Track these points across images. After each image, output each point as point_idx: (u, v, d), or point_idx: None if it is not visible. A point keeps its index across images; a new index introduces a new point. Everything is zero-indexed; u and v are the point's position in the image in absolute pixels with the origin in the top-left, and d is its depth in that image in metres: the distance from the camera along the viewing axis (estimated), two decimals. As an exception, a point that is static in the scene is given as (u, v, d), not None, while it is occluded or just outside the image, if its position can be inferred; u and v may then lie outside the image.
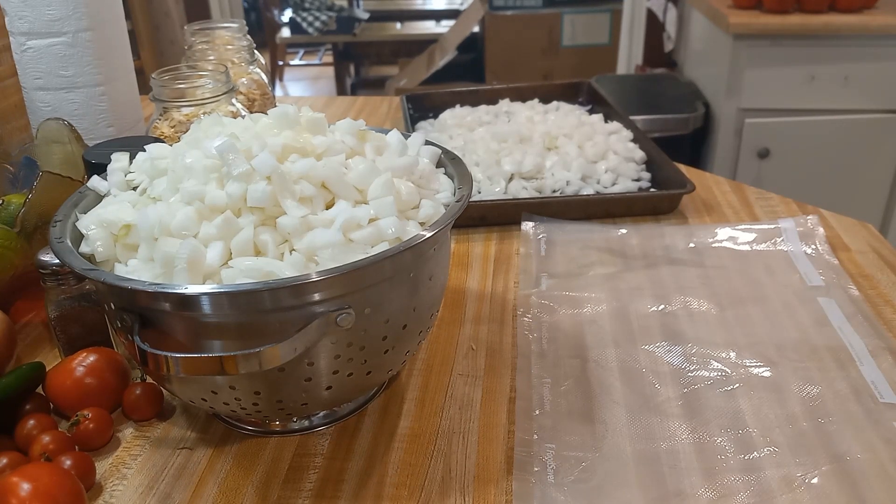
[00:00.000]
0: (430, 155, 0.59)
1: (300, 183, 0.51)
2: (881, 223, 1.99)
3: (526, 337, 0.66)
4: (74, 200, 0.55)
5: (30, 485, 0.45)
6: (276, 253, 0.48)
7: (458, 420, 0.57)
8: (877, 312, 0.68)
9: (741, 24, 1.84)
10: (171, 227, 0.48)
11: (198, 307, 0.45)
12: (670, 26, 2.45)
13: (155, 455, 0.55)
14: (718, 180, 0.98)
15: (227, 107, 0.83)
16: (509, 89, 1.23)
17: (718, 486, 0.50)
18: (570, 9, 2.95)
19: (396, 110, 1.33)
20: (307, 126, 0.56)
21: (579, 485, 0.51)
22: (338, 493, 0.51)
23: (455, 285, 0.76)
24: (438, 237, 0.51)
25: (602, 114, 1.10)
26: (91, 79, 0.85)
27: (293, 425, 0.57)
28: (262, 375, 0.48)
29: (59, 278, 0.60)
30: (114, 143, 0.69)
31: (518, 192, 0.92)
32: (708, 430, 0.55)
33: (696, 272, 0.75)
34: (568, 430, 0.55)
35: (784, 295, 0.71)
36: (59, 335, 0.62)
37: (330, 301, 0.46)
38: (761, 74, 1.88)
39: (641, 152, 0.99)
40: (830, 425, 0.55)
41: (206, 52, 1.00)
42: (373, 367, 0.52)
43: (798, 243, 0.79)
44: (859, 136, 1.90)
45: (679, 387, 0.59)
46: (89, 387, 0.57)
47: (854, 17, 1.83)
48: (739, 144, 1.97)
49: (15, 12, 0.82)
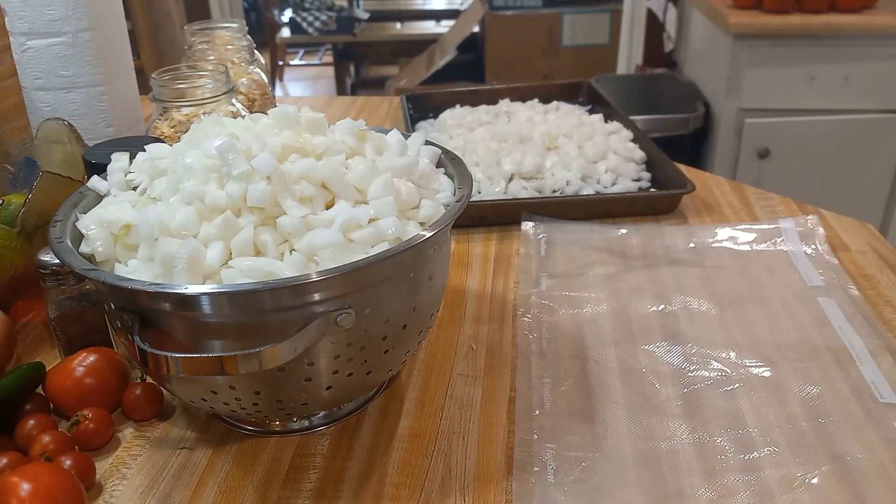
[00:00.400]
0: (430, 155, 0.59)
1: (300, 183, 0.51)
2: (881, 223, 1.99)
3: (526, 337, 0.66)
4: (74, 200, 0.55)
5: (30, 485, 0.45)
6: (276, 253, 0.48)
7: (458, 420, 0.57)
8: (877, 312, 0.68)
9: (741, 24, 1.84)
10: (171, 227, 0.48)
11: (198, 307, 0.45)
12: (670, 26, 2.45)
13: (155, 455, 0.55)
14: (718, 180, 0.98)
15: (227, 107, 0.83)
16: (509, 89, 1.23)
17: (718, 485, 0.50)
18: (570, 9, 2.95)
19: (396, 110, 1.33)
20: (307, 126, 0.56)
21: (579, 485, 0.51)
22: (338, 493, 0.51)
23: (455, 285, 0.76)
24: (438, 237, 0.51)
25: (602, 114, 1.10)
26: (91, 79, 0.85)
27: (293, 425, 0.57)
28: (262, 375, 0.48)
29: (59, 278, 0.60)
30: (114, 143, 0.69)
31: (518, 192, 0.92)
32: (708, 430, 0.55)
33: (695, 272, 0.75)
34: (568, 430, 0.55)
35: (784, 295, 0.71)
36: (59, 335, 0.62)
37: (330, 301, 0.46)
38: (761, 74, 1.88)
39: (641, 152, 0.99)
40: (830, 425, 0.55)
41: (206, 52, 1.00)
42: (373, 367, 0.52)
43: (798, 243, 0.79)
44: (859, 136, 1.90)
45: (679, 387, 0.59)
46: (89, 387, 0.57)
47: (854, 17, 1.83)
48: (739, 144, 1.97)
49: (15, 12, 0.82)
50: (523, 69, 2.98)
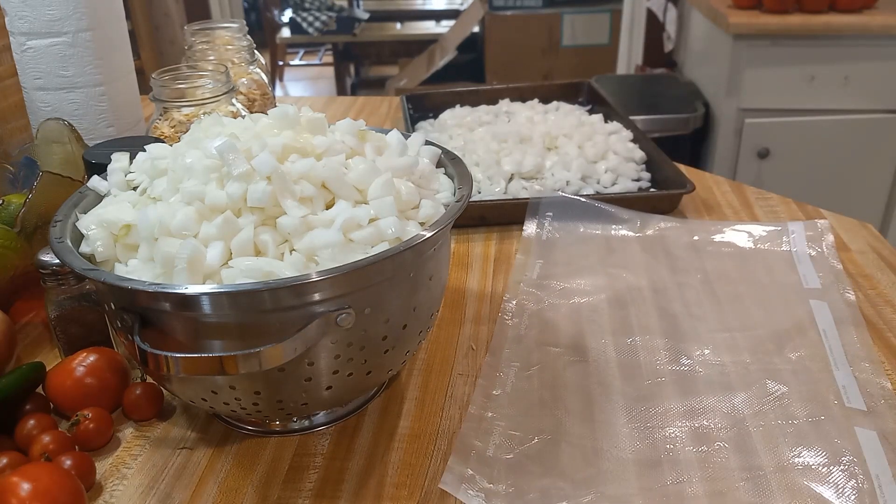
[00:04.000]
0: (430, 155, 0.59)
1: (300, 183, 0.51)
2: (881, 223, 1.99)
3: (504, 322, 0.67)
4: (74, 200, 0.55)
5: (30, 485, 0.45)
6: (276, 253, 0.48)
7: (457, 420, 0.57)
8: (876, 312, 0.68)
9: (741, 24, 1.84)
10: (171, 227, 0.48)
11: (198, 307, 0.45)
12: (670, 26, 2.45)
13: (155, 455, 0.55)
14: (718, 180, 0.98)
15: (227, 107, 0.83)
16: (509, 89, 1.23)
17: (654, 477, 0.50)
18: (570, 9, 2.95)
19: (396, 110, 1.33)
20: (307, 126, 0.56)
21: (518, 460, 0.52)
22: (338, 493, 0.51)
23: (455, 285, 0.76)
24: (438, 237, 0.51)
25: (602, 114, 1.10)
26: (91, 79, 0.85)
27: (293, 425, 0.57)
28: (262, 375, 0.48)
29: (59, 278, 0.60)
30: (114, 143, 0.69)
31: (518, 192, 0.92)
32: (664, 422, 0.55)
33: (695, 270, 0.75)
34: (523, 411, 0.57)
35: (777, 295, 0.71)
36: (59, 335, 0.62)
37: (330, 301, 0.46)
38: (761, 74, 1.88)
39: (641, 152, 0.99)
40: (788, 426, 0.55)
41: (206, 52, 0.99)
42: (373, 367, 0.52)
43: (804, 245, 0.79)
44: (859, 136, 1.90)
45: (643, 379, 0.60)
46: (89, 387, 0.57)
47: (854, 17, 1.83)
48: (739, 144, 1.97)
49: (15, 12, 0.82)
50: (523, 69, 2.98)
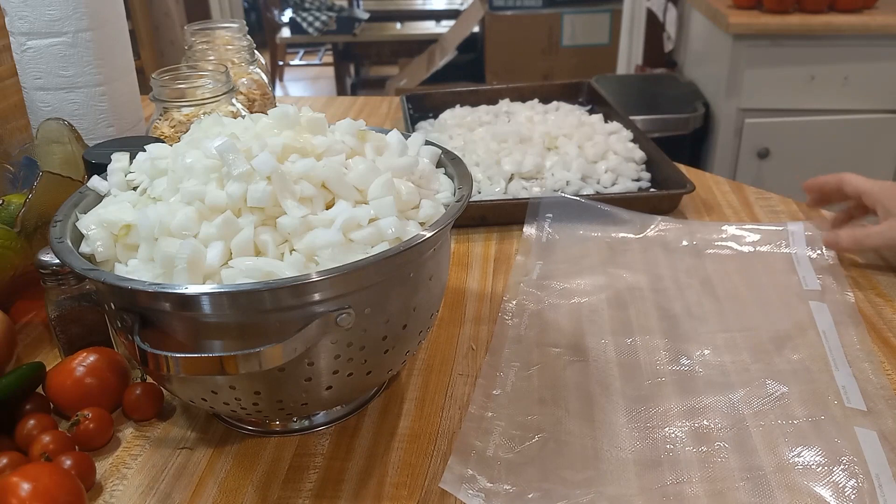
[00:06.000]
0: (430, 155, 0.59)
1: (300, 183, 0.50)
2: (881, 223, 1.98)
3: (505, 322, 0.67)
4: (74, 200, 0.55)
5: (30, 485, 0.45)
6: (276, 253, 0.48)
7: (457, 420, 0.57)
8: (876, 312, 0.68)
9: (741, 24, 1.84)
10: (171, 227, 0.48)
11: (198, 307, 0.45)
12: (670, 26, 2.46)
13: (155, 455, 0.55)
14: (718, 180, 0.98)
15: (227, 107, 0.83)
16: (509, 89, 1.23)
17: (655, 477, 0.50)
18: (570, 9, 2.95)
19: (396, 110, 1.33)
20: (307, 126, 0.56)
21: (518, 459, 0.52)
22: (338, 493, 0.51)
23: (455, 285, 0.76)
24: (438, 237, 0.51)
25: (602, 114, 1.10)
26: (91, 79, 0.85)
27: (293, 425, 0.57)
28: (262, 375, 0.48)
29: (59, 278, 0.60)
30: (114, 143, 0.69)
31: (518, 193, 0.92)
32: (664, 422, 0.55)
33: (695, 270, 0.75)
34: (524, 411, 0.57)
35: (777, 296, 0.71)
36: (59, 335, 0.62)
37: (330, 301, 0.46)
38: (761, 74, 1.88)
39: (641, 152, 0.99)
40: (788, 426, 0.55)
41: (206, 52, 0.99)
42: (373, 367, 0.52)
43: (804, 246, 0.79)
44: (859, 136, 1.90)
45: (645, 378, 0.60)
46: (89, 387, 0.57)
47: (854, 17, 1.83)
48: (739, 144, 1.97)
49: (15, 12, 0.82)
50: (523, 69, 2.98)
